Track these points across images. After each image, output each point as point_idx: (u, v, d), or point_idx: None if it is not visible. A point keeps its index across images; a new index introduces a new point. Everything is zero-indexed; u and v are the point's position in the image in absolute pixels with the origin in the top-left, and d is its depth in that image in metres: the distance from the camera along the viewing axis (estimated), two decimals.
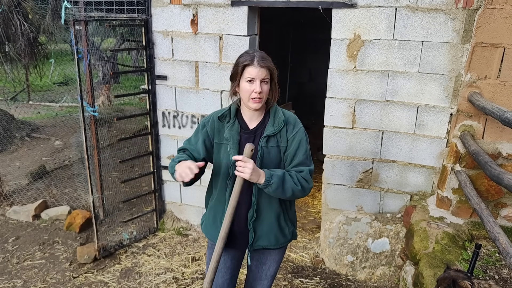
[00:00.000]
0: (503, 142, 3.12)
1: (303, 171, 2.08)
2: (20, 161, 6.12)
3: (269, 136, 2.07)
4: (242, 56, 2.05)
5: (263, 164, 2.06)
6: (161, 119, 4.21)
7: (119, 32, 7.55)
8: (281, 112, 2.13)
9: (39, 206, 4.66)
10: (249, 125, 2.13)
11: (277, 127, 2.07)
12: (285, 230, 2.21)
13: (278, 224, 2.18)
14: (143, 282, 3.59)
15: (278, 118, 2.10)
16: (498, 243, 2.18)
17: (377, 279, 3.55)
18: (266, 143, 2.07)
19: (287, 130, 2.09)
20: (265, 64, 2.00)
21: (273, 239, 2.19)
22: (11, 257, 3.94)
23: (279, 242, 2.22)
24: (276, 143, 2.08)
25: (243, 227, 2.16)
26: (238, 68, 2.02)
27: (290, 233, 2.26)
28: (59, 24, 5.17)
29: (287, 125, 2.10)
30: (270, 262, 2.30)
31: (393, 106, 3.45)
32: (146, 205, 4.76)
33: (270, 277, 2.34)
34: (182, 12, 3.81)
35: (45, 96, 10.15)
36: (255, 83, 1.99)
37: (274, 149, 2.08)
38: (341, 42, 3.43)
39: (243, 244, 2.22)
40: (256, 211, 2.12)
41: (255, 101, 2.01)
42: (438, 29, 3.16)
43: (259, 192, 2.09)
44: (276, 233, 2.18)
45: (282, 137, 2.08)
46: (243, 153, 1.97)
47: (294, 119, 2.15)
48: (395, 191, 3.65)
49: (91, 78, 4.01)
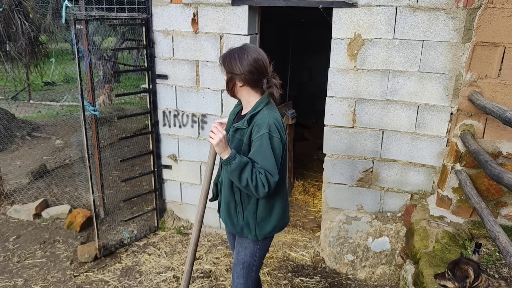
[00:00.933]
0: (504, 141, 3.12)
1: (262, 173, 2.03)
2: (21, 160, 6.13)
3: (237, 128, 2.20)
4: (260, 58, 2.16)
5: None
6: (162, 118, 4.22)
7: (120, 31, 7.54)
8: (258, 110, 2.14)
9: (40, 205, 4.66)
10: (243, 112, 2.28)
11: (243, 123, 2.15)
12: (233, 220, 2.32)
13: (228, 209, 2.32)
14: (144, 280, 3.60)
15: (251, 115, 2.15)
16: (498, 242, 2.18)
17: (377, 278, 3.56)
18: (233, 132, 2.22)
19: (252, 131, 2.12)
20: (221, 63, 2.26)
21: (224, 218, 2.38)
22: (12, 256, 3.95)
23: (230, 227, 2.36)
24: (241, 137, 2.18)
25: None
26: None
27: (239, 226, 2.32)
28: (59, 23, 5.17)
29: (254, 125, 2.12)
30: (238, 247, 2.41)
31: (394, 105, 3.45)
32: (147, 204, 4.76)
33: (240, 264, 2.41)
34: (183, 11, 3.81)
35: (45, 95, 10.15)
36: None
37: (237, 141, 2.19)
38: (341, 41, 3.43)
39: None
40: (220, 191, 2.39)
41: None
42: (439, 28, 3.16)
43: (224, 175, 2.28)
44: (225, 216, 2.36)
45: (246, 134, 2.15)
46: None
47: (263, 122, 2.08)
48: (395, 190, 3.65)
49: (91, 77, 4.01)
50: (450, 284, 2.08)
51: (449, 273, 2.08)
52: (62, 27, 5.30)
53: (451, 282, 2.07)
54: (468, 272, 1.98)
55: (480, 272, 1.99)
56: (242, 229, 2.33)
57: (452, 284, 2.07)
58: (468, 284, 1.97)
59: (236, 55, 2.13)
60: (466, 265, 2.02)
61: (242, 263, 2.42)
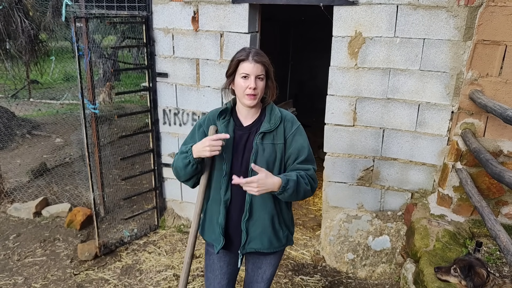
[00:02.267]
0: (504, 140, 3.11)
1: (310, 169, 2.03)
2: (21, 159, 6.13)
3: (265, 132, 2.02)
4: (238, 52, 2.01)
5: (257, 160, 2.00)
6: (162, 116, 4.21)
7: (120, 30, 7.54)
8: (277, 109, 2.10)
9: (40, 203, 4.66)
10: (244, 122, 2.09)
11: (274, 123, 2.03)
12: (279, 234, 2.13)
13: (272, 226, 2.09)
14: (144, 279, 3.60)
15: (275, 115, 2.05)
16: (499, 241, 2.18)
17: (378, 277, 3.55)
18: (261, 139, 2.01)
19: (285, 128, 2.05)
20: (260, 60, 1.96)
21: (266, 242, 2.10)
22: (12, 254, 3.95)
23: (273, 246, 2.13)
24: (272, 140, 2.03)
25: (237, 229, 2.09)
26: (233, 64, 1.99)
27: (284, 237, 2.17)
28: (59, 21, 5.16)
29: (285, 122, 2.06)
30: (265, 266, 2.24)
31: (394, 103, 3.45)
32: (147, 202, 4.76)
33: (266, 281, 2.28)
34: (183, 9, 3.80)
35: (45, 94, 10.15)
36: (249, 79, 1.95)
37: (269, 146, 2.02)
38: (342, 39, 3.42)
39: (237, 247, 2.14)
40: (249, 210, 2.04)
41: (249, 97, 1.97)
42: (440, 26, 3.15)
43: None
44: (269, 235, 2.09)
45: (279, 134, 2.04)
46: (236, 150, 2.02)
47: (291, 117, 2.11)
48: (396, 189, 3.65)
49: (92, 75, 4.01)
50: (454, 280, 2.05)
51: (457, 271, 2.04)
52: (62, 25, 5.30)
53: (457, 279, 2.04)
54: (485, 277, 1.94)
55: (489, 272, 1.98)
56: (286, 239, 2.18)
57: (457, 280, 2.04)
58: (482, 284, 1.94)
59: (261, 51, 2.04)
60: (482, 269, 1.95)
61: (268, 279, 2.28)
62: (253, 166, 1.87)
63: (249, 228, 2.08)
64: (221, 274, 2.25)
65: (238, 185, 1.91)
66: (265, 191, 1.86)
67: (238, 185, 1.91)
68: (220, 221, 2.08)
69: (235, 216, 2.09)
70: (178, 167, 2.05)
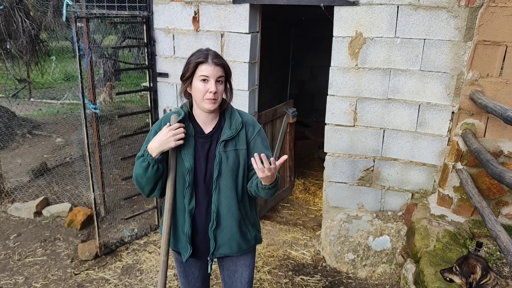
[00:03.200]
0: (505, 140, 3.12)
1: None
2: (22, 158, 6.13)
3: (227, 140, 1.96)
4: (194, 54, 1.91)
5: (221, 169, 1.95)
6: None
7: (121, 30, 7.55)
8: (237, 113, 2.03)
9: (40, 203, 4.66)
10: (204, 129, 2.01)
11: (235, 129, 1.96)
12: (247, 236, 2.09)
13: (240, 231, 2.05)
14: (144, 279, 3.60)
15: (235, 120, 1.99)
16: (499, 241, 2.18)
17: (378, 277, 3.55)
18: (223, 147, 1.95)
19: (246, 132, 2.00)
20: (220, 62, 1.88)
21: (235, 246, 2.07)
22: (13, 254, 3.95)
23: (242, 248, 2.10)
24: (234, 146, 1.97)
25: (204, 237, 2.05)
26: (190, 66, 1.88)
27: (253, 238, 2.13)
28: (60, 21, 5.17)
29: (246, 126, 2.01)
30: (241, 268, 2.18)
31: (395, 104, 3.45)
32: (147, 202, 4.76)
33: (246, 284, 2.22)
34: (184, 9, 3.80)
35: (46, 94, 10.15)
36: (209, 82, 1.85)
37: (232, 153, 1.96)
38: (342, 39, 3.43)
39: (206, 253, 2.10)
40: (216, 219, 1.99)
41: (210, 101, 1.87)
42: (440, 27, 3.15)
43: (218, 200, 1.98)
44: (238, 240, 2.06)
45: (241, 139, 1.98)
46: (198, 159, 1.96)
47: (252, 119, 2.06)
48: (396, 189, 3.65)
49: (92, 75, 4.01)
50: (457, 279, 2.07)
51: (457, 268, 2.06)
52: (63, 25, 5.30)
53: (458, 277, 2.05)
54: (475, 268, 1.96)
55: (488, 270, 1.98)
56: (255, 239, 2.15)
57: (459, 279, 2.05)
58: (472, 279, 1.96)
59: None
60: (475, 261, 2.00)
61: (248, 282, 2.22)
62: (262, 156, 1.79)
63: (217, 236, 2.04)
64: (194, 279, 2.25)
65: (202, 193, 1.97)
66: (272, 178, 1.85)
67: (202, 193, 1.97)
68: (186, 231, 2.02)
69: (200, 224, 2.03)
70: (138, 176, 1.94)
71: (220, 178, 1.96)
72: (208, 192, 1.99)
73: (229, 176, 1.96)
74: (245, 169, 2.01)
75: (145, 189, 1.99)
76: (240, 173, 2.00)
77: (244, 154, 1.99)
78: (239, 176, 2.00)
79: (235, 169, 1.98)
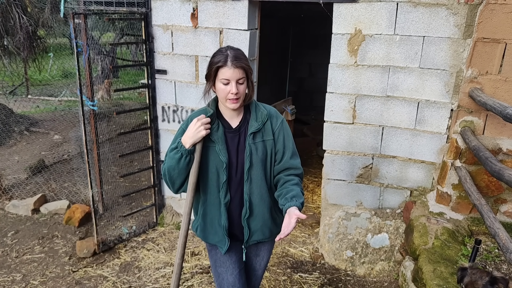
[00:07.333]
0: (504, 138, 3.12)
1: (299, 168, 2.17)
2: (19, 155, 6.11)
3: (255, 132, 2.08)
4: (215, 56, 1.99)
5: (252, 160, 2.06)
6: (161, 113, 4.20)
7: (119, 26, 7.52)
8: (261, 106, 2.14)
9: (38, 200, 4.65)
10: (231, 123, 2.12)
11: (261, 121, 2.08)
12: (277, 221, 2.24)
13: (271, 216, 2.20)
14: (143, 276, 3.59)
15: (261, 112, 2.10)
16: (498, 238, 2.18)
17: (376, 274, 3.56)
18: (253, 139, 2.07)
19: (271, 123, 2.12)
20: (239, 64, 1.94)
21: (267, 232, 2.22)
22: (11, 251, 3.94)
23: (273, 233, 2.25)
24: (262, 137, 2.09)
25: (238, 227, 2.18)
26: (212, 70, 1.97)
27: (281, 223, 2.23)
28: (58, 18, 5.15)
29: (271, 118, 2.12)
30: (263, 253, 2.35)
31: (394, 101, 3.44)
32: (146, 199, 4.76)
33: (263, 267, 2.40)
34: (182, 6, 3.79)
35: (44, 90, 10.11)
36: (230, 84, 1.95)
37: (261, 144, 2.09)
38: (342, 37, 3.42)
39: (240, 242, 2.25)
40: (249, 208, 2.12)
41: (232, 101, 1.99)
42: (440, 24, 3.14)
43: (250, 189, 2.10)
44: (270, 225, 2.21)
45: (267, 130, 2.10)
46: (230, 153, 2.06)
47: (275, 111, 2.19)
48: (395, 187, 3.65)
49: (90, 72, 3.99)
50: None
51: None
52: (61, 22, 5.28)
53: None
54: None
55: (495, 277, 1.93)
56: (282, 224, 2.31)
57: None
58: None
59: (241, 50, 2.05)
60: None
61: (265, 265, 2.40)
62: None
63: (251, 224, 2.16)
64: (232, 264, 2.30)
65: (235, 185, 2.09)
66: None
67: (234, 185, 2.09)
68: (224, 223, 2.13)
69: (235, 215, 2.15)
70: (170, 168, 2.03)
71: (251, 169, 2.07)
72: (240, 183, 2.10)
73: (259, 167, 2.08)
74: (272, 158, 2.13)
75: (176, 182, 2.07)
76: (268, 162, 2.12)
77: (271, 144, 2.11)
78: (267, 165, 2.12)
79: (264, 159, 2.10)
